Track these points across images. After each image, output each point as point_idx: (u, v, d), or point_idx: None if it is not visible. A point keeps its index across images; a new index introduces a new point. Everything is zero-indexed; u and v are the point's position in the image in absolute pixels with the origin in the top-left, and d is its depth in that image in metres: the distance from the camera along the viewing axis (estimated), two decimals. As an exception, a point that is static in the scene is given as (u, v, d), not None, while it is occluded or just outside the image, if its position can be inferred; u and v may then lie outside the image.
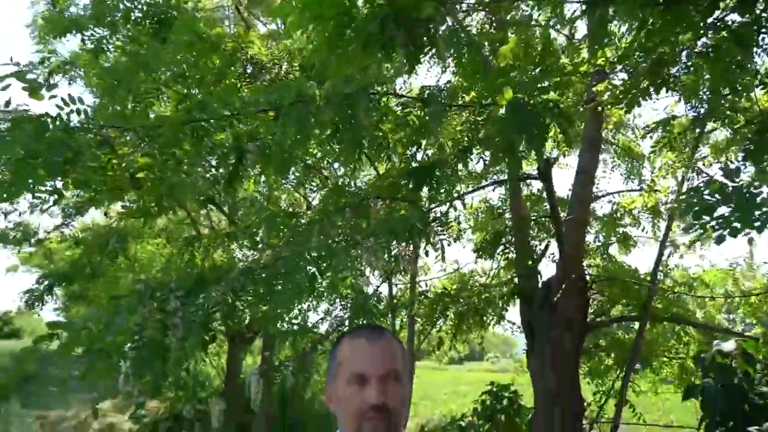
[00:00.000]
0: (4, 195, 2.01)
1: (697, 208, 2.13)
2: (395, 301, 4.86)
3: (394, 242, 2.49)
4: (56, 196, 2.25)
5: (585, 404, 3.60)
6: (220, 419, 2.49)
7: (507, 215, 4.88)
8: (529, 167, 4.49)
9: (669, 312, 3.90)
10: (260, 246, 4.01)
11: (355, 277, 2.53)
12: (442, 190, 3.23)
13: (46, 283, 7.74)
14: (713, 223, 2.06)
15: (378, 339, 1.38)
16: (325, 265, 2.18)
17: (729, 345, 2.49)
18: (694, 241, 4.80)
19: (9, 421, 11.35)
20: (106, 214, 8.02)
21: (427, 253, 4.14)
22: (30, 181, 1.98)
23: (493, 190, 5.18)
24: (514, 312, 4.86)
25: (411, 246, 2.66)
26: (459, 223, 3.42)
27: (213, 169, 2.80)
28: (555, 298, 3.58)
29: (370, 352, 1.34)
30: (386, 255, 2.46)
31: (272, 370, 2.89)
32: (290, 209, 6.11)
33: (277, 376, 2.87)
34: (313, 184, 6.02)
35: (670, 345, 4.40)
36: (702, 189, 2.16)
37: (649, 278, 3.86)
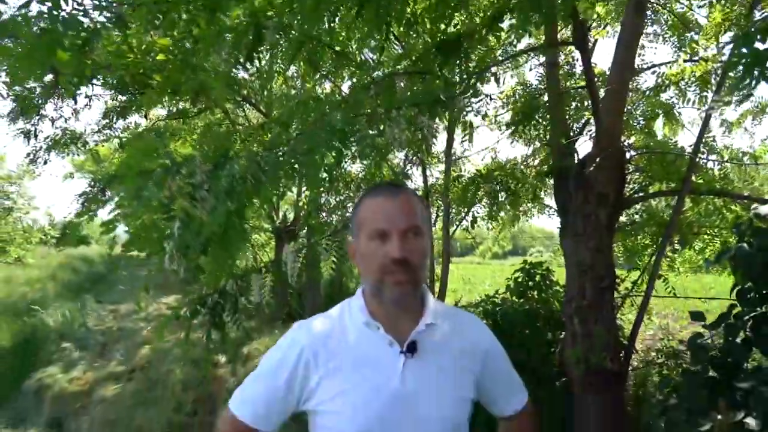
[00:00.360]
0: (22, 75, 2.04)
1: (747, 59, 1.94)
2: (429, 187, 4.86)
3: (420, 116, 2.42)
4: (77, 79, 2.28)
5: (618, 279, 3.61)
6: (260, 294, 2.67)
7: (545, 98, 4.67)
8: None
9: (712, 187, 3.74)
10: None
11: (379, 152, 2.51)
12: (471, 64, 3.09)
13: (97, 186, 8.14)
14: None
15: (397, 195, 1.38)
16: (348, 140, 2.16)
17: (767, 207, 2.40)
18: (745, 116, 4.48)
19: (86, 313, 12.48)
20: (146, 116, 8.17)
21: (454, 129, 4.04)
22: (48, 61, 1.99)
23: (530, 70, 4.92)
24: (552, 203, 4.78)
25: (436, 119, 2.58)
26: (490, 98, 3.29)
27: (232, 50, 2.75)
28: (588, 173, 3.49)
29: (391, 208, 1.35)
30: (410, 128, 2.41)
31: (308, 248, 3.00)
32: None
33: (317, 251, 2.97)
34: (345, 73, 5.87)
35: (712, 222, 4.25)
36: (754, 34, 1.94)
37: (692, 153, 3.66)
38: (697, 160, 3.40)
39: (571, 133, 3.93)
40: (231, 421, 1.45)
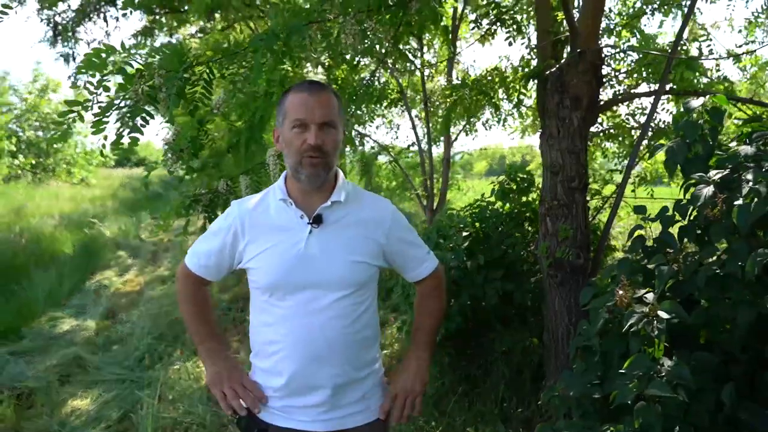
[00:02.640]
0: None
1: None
2: (429, 95, 4.95)
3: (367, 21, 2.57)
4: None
5: (588, 179, 3.74)
6: (247, 193, 2.98)
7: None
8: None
9: (696, 88, 3.69)
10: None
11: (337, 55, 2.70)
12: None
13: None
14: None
15: (318, 92, 1.70)
16: (292, 40, 2.37)
17: (697, 101, 2.45)
18: None
19: (139, 226, 13.51)
20: (170, 35, 8.47)
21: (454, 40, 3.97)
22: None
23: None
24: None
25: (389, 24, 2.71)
26: None
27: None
28: (564, 75, 3.55)
29: (312, 103, 1.67)
30: (361, 32, 2.57)
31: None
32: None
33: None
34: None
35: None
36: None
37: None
38: (676, 53, 3.34)
39: (558, 34, 3.91)
40: (184, 271, 1.89)
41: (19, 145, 19.79)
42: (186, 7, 7.70)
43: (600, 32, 3.63)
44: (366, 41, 2.67)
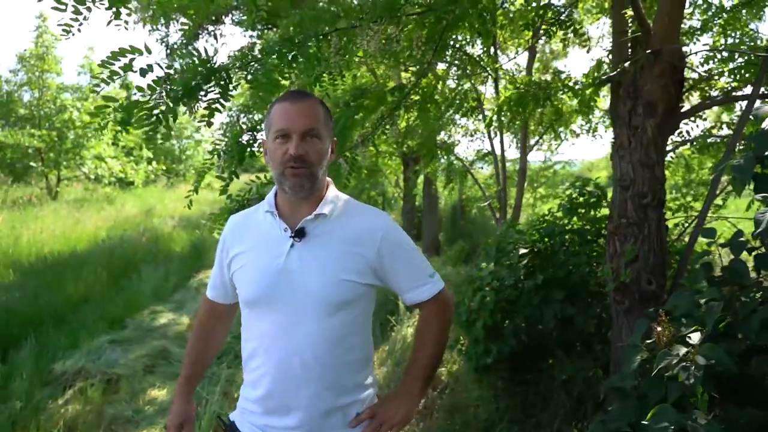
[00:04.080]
0: None
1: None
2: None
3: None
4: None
5: (665, 194, 3.31)
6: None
7: None
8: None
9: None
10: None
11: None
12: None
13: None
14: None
15: (300, 101, 1.66)
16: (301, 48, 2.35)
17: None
18: None
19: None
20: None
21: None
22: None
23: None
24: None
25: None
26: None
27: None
28: (638, 79, 3.17)
29: (294, 112, 1.63)
30: (387, 38, 2.49)
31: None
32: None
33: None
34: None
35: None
36: None
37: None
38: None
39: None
40: (204, 299, 1.95)
41: (156, 152, 22.10)
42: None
43: (681, 30, 3.19)
44: (389, 47, 2.58)
